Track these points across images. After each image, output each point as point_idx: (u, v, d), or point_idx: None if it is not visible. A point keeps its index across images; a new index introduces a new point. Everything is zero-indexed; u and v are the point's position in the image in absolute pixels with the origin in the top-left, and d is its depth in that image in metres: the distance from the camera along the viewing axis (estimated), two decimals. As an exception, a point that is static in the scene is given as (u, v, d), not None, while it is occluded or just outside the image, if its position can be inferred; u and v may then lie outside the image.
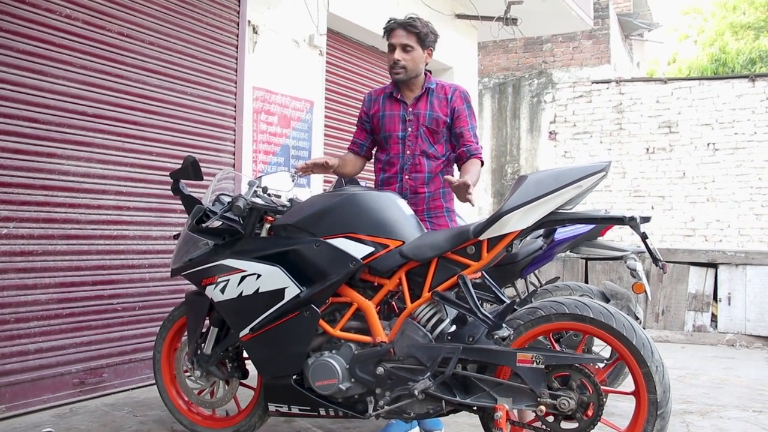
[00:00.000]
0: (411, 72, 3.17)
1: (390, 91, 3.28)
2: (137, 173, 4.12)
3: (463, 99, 3.21)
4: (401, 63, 3.13)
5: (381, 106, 3.28)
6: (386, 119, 3.24)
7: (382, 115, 3.25)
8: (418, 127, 3.17)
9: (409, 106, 3.21)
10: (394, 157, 3.21)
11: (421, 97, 3.20)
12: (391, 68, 3.18)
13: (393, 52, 3.16)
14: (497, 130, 12.07)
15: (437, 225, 3.18)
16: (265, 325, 2.70)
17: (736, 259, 6.61)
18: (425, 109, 3.18)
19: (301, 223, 2.72)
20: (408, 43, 3.13)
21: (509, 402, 2.40)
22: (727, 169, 10.33)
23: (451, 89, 3.23)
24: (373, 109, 3.30)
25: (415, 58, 3.15)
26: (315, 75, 5.61)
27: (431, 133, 3.18)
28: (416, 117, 3.18)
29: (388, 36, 3.18)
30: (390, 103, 3.26)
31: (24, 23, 3.53)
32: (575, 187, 2.33)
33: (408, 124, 3.19)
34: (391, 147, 3.22)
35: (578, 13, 8.25)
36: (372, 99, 3.34)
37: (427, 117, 3.17)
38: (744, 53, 17.65)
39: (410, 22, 3.14)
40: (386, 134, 3.23)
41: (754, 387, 4.63)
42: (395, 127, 3.21)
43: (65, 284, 3.74)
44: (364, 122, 3.35)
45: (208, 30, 4.61)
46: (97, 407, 3.70)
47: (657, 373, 2.27)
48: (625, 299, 3.52)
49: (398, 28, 3.15)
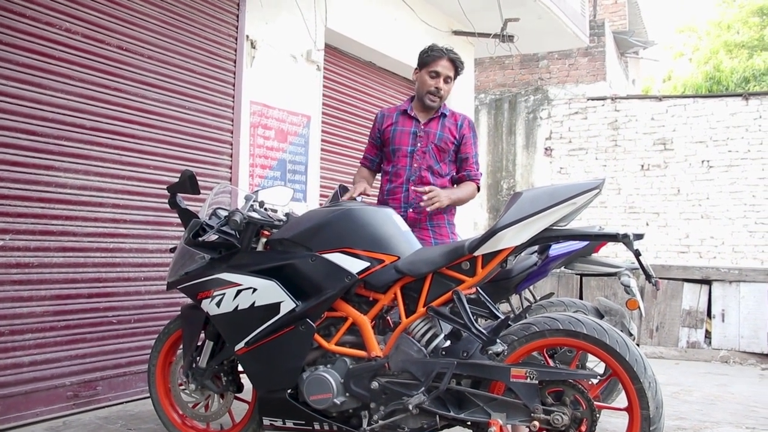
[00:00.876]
0: (443, 101, 3.49)
1: (405, 109, 3.52)
2: (134, 186, 4.14)
3: (471, 128, 3.53)
4: (442, 92, 3.43)
5: (394, 121, 3.51)
6: (398, 133, 3.47)
7: (395, 129, 3.48)
8: (427, 143, 3.42)
9: (422, 123, 3.46)
10: (401, 169, 3.43)
11: (434, 119, 3.47)
12: (430, 93, 3.41)
13: (435, 79, 3.41)
14: (493, 145, 12.12)
15: (439, 235, 3.41)
16: (261, 339, 2.71)
17: (730, 276, 6.64)
18: (437, 129, 3.45)
19: (297, 238, 2.74)
20: (450, 75, 3.45)
21: (503, 417, 2.41)
22: (722, 186, 10.39)
23: (461, 117, 3.53)
24: (386, 124, 3.52)
25: (450, 90, 3.50)
26: (312, 90, 5.65)
27: (439, 151, 3.43)
28: (427, 135, 3.44)
29: (433, 62, 3.41)
30: (404, 119, 3.49)
31: (24, 36, 3.56)
32: (570, 204, 2.35)
33: (418, 139, 3.44)
34: (398, 159, 3.45)
35: (574, 31, 8.31)
36: (385, 115, 3.57)
37: (438, 136, 3.43)
38: (738, 72, 17.77)
39: (458, 58, 3.47)
40: (395, 147, 3.46)
41: (748, 404, 4.64)
42: (405, 141, 3.45)
43: (61, 297, 3.74)
44: (376, 139, 3.56)
45: (206, 44, 4.65)
46: (90, 420, 3.69)
47: (650, 390, 2.28)
48: (619, 315, 3.53)
49: (445, 59, 3.42)
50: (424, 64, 3.46)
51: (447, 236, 3.45)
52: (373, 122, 3.62)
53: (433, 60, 3.42)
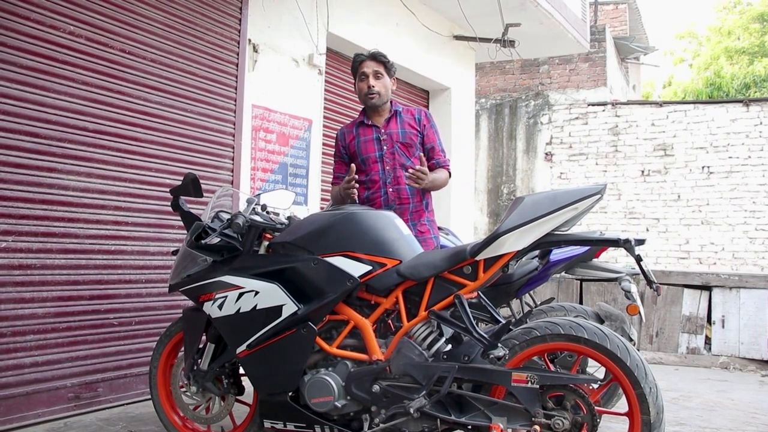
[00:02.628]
0: (383, 97, 3.51)
1: (361, 120, 3.58)
2: (136, 189, 4.15)
3: (428, 118, 3.61)
4: (375, 88, 3.47)
5: (355, 134, 3.57)
6: (362, 144, 3.53)
7: (358, 141, 3.54)
8: (392, 144, 3.50)
9: (381, 128, 3.52)
10: (375, 174, 3.49)
11: (390, 119, 3.54)
12: (366, 95, 3.49)
13: (364, 80, 3.49)
14: (493, 150, 12.13)
15: (420, 232, 3.45)
16: (262, 341, 2.72)
17: (730, 282, 6.65)
18: (396, 128, 3.52)
19: (299, 241, 2.75)
20: (378, 70, 3.49)
21: (504, 421, 2.42)
22: (722, 192, 10.40)
23: (417, 111, 3.62)
24: (348, 139, 3.58)
25: (386, 85, 3.52)
26: (314, 94, 5.66)
27: (406, 147, 3.51)
28: (389, 136, 3.50)
29: (358, 68, 3.52)
30: (363, 129, 3.56)
31: (27, 39, 3.57)
32: (571, 209, 2.36)
33: (383, 143, 3.50)
34: (370, 167, 3.50)
35: (575, 36, 8.33)
36: (345, 132, 3.63)
37: (400, 134, 3.51)
38: (738, 78, 17.81)
39: (378, 53, 3.53)
40: (364, 157, 3.51)
41: (748, 410, 4.64)
42: (371, 149, 3.51)
43: (62, 298, 3.75)
44: (343, 156, 3.61)
45: (208, 48, 4.66)
46: (91, 422, 3.70)
47: (651, 395, 2.29)
48: (619, 321, 3.54)
49: (367, 59, 3.51)
50: (354, 73, 3.56)
51: (428, 233, 3.53)
52: (335, 142, 3.67)
53: (358, 65, 3.53)
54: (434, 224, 3.66)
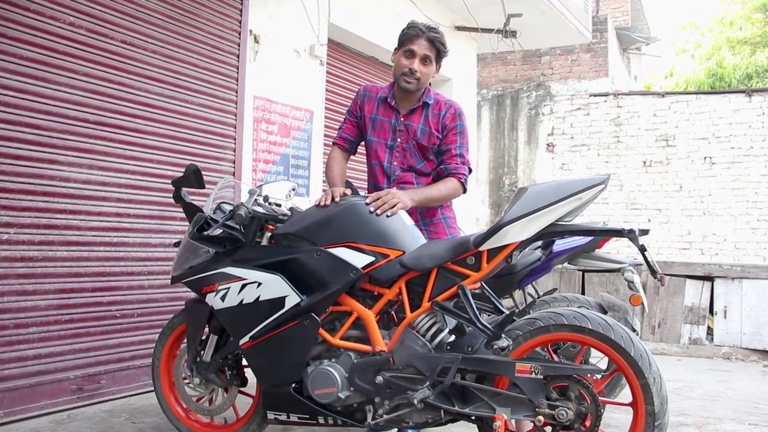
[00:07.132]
0: (422, 85, 3.05)
1: (385, 96, 3.14)
2: (138, 180, 4.14)
3: (456, 116, 3.08)
4: (417, 74, 3.00)
5: (374, 108, 3.15)
6: (377, 123, 3.14)
7: (374, 118, 3.14)
8: (408, 139, 3.08)
9: (402, 116, 3.11)
10: (378, 166, 3.15)
11: (416, 110, 3.10)
12: (404, 75, 3.01)
13: (410, 59, 3.01)
14: (495, 141, 12.12)
15: (435, 234, 3.13)
16: (265, 333, 2.71)
17: (732, 273, 6.64)
18: (418, 122, 3.08)
19: (302, 232, 2.74)
20: (429, 55, 3.01)
21: (508, 412, 2.41)
22: (724, 183, 10.39)
23: (446, 106, 3.10)
24: (366, 108, 3.17)
25: (430, 73, 3.06)
26: (315, 85, 5.65)
27: (421, 149, 3.08)
28: (407, 129, 3.08)
29: (409, 40, 3.01)
30: (384, 108, 3.13)
31: (28, 30, 3.55)
32: (575, 199, 2.34)
33: (398, 134, 3.10)
34: (378, 152, 3.14)
35: (577, 27, 8.30)
36: (368, 95, 3.19)
37: (419, 131, 3.07)
38: (741, 68, 17.76)
39: (437, 37, 3.01)
40: (374, 139, 3.14)
41: (750, 400, 4.64)
42: (385, 135, 3.12)
43: (65, 290, 3.75)
44: (357, 117, 3.21)
45: (209, 39, 4.64)
46: (94, 414, 3.70)
47: (654, 385, 2.28)
48: (622, 311, 3.53)
49: (423, 38, 2.99)
50: (400, 43, 3.06)
51: (444, 234, 3.15)
52: (355, 97, 3.23)
53: (408, 39, 3.01)
54: (452, 220, 3.26)
